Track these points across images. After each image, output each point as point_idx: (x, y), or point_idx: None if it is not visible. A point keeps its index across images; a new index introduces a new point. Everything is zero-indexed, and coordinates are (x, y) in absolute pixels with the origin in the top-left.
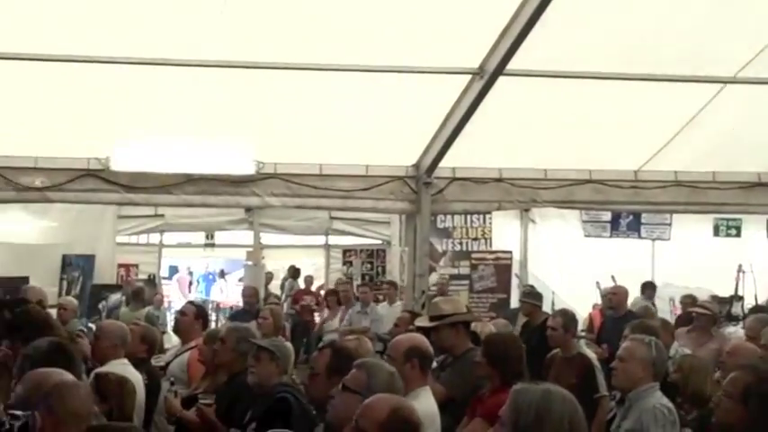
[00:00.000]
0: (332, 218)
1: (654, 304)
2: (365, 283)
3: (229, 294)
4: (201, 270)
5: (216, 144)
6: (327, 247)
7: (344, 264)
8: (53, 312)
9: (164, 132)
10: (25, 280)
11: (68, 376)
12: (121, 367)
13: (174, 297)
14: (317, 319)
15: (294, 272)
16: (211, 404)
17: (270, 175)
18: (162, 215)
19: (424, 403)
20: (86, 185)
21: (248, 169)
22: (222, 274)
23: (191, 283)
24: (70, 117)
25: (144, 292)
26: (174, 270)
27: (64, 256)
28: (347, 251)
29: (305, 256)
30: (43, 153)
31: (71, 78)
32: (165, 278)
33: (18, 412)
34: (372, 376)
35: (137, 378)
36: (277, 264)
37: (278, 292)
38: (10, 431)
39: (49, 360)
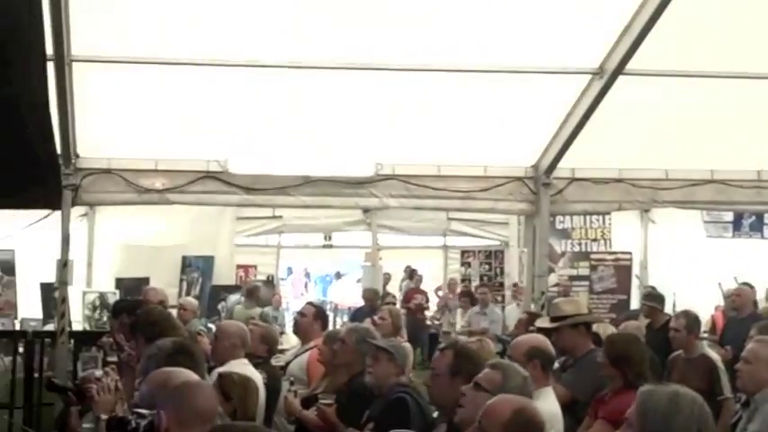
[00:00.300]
0: (450, 219)
1: (755, 303)
2: (484, 284)
3: (347, 295)
4: (319, 271)
5: (335, 146)
6: (445, 248)
7: (462, 265)
8: (173, 313)
9: (282, 134)
10: (146, 281)
11: (193, 376)
12: (242, 367)
13: (291, 298)
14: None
15: (411, 273)
16: (332, 404)
17: (388, 176)
18: (280, 216)
19: (547, 404)
20: (206, 187)
21: (367, 171)
22: (338, 275)
23: (306, 285)
24: (190, 119)
25: (258, 291)
26: (291, 272)
27: (183, 258)
28: (465, 252)
29: (422, 257)
30: (164, 155)
31: (191, 81)
32: (282, 279)
33: (144, 411)
34: (508, 378)
35: (257, 378)
36: (395, 265)
37: (396, 293)
38: (136, 430)
39: (172, 360)
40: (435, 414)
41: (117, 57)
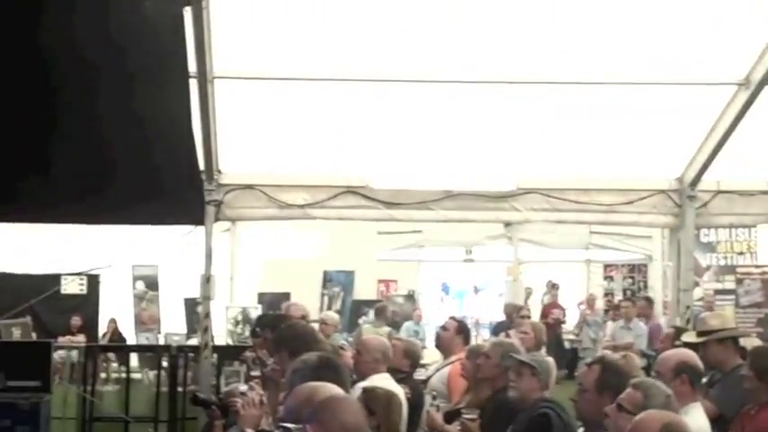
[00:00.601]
0: (592, 232)
1: None
2: (628, 298)
3: (486, 309)
4: (457, 285)
5: (476, 160)
6: (588, 262)
7: (605, 279)
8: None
9: (423, 149)
10: (287, 296)
11: (338, 390)
12: (384, 382)
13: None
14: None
15: (552, 287)
16: (475, 419)
17: (530, 189)
18: (420, 231)
19: (696, 420)
20: (347, 202)
21: (508, 185)
22: (476, 290)
23: (442, 299)
24: (331, 135)
25: (387, 310)
26: (430, 286)
27: (325, 272)
28: (608, 266)
29: (564, 271)
30: (305, 171)
31: (331, 97)
32: (422, 294)
33: (290, 425)
34: (649, 397)
35: (400, 393)
36: (536, 279)
37: (539, 307)
38: None
39: (318, 374)
40: (580, 430)
41: (258, 74)
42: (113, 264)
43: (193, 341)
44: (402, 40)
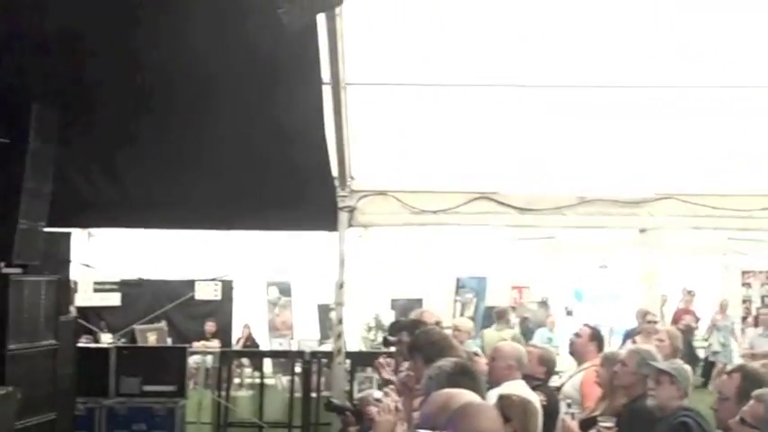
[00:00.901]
0: (729, 238)
1: None
2: (767, 305)
3: (620, 316)
4: (592, 292)
5: (611, 165)
6: (725, 268)
7: (743, 285)
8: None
9: (556, 154)
10: (419, 302)
11: (475, 397)
12: (519, 388)
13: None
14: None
15: (688, 294)
16: (612, 427)
17: (666, 195)
18: (553, 237)
19: None
20: (480, 208)
21: (645, 191)
22: (610, 296)
23: (573, 305)
24: (463, 140)
25: (508, 313)
26: (563, 292)
27: (457, 279)
28: (745, 272)
29: (701, 277)
30: (437, 176)
31: (463, 102)
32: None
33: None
34: None
35: (535, 400)
36: (672, 286)
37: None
38: None
39: (453, 380)
40: None
41: (390, 80)
42: (247, 270)
43: (326, 347)
44: (535, 45)
